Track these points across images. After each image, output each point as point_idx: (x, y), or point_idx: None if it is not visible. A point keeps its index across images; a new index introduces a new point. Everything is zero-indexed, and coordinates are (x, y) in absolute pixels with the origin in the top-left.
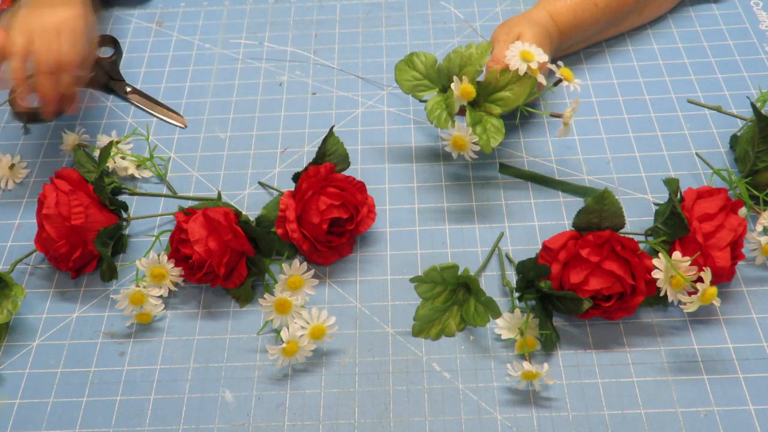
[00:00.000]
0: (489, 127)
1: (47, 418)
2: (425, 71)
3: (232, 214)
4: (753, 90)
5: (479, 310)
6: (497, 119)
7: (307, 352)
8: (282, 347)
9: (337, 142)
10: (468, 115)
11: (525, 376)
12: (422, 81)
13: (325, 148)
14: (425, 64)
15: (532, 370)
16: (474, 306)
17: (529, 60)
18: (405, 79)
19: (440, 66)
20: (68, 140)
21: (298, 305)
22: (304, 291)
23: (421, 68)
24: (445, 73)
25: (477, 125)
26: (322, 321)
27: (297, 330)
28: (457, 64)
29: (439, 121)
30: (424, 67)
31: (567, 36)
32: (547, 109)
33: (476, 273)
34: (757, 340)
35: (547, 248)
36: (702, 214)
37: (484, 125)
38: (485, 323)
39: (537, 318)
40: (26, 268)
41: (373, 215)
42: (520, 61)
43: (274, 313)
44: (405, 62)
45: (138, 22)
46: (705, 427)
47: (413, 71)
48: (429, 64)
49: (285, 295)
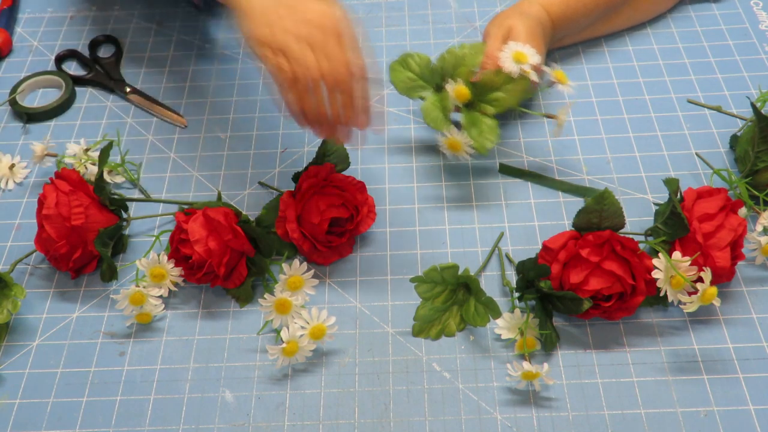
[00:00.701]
0: (484, 128)
1: (47, 418)
2: (419, 71)
3: (232, 214)
4: (753, 90)
5: (479, 310)
6: (492, 119)
7: (307, 352)
8: (282, 347)
9: None
10: (463, 117)
11: (525, 376)
12: (417, 81)
13: (326, 148)
14: (419, 65)
15: (532, 370)
16: (474, 306)
17: (522, 62)
18: (400, 80)
19: (434, 66)
20: (37, 150)
21: (298, 305)
22: (304, 291)
23: (416, 68)
24: (439, 73)
25: (472, 127)
26: (322, 321)
27: (297, 330)
28: (451, 64)
29: (436, 123)
30: (418, 68)
31: (560, 27)
32: (543, 110)
33: (476, 273)
34: (757, 340)
35: (547, 248)
36: (702, 214)
37: (479, 127)
38: (485, 323)
39: (537, 318)
40: (26, 268)
41: (373, 215)
42: (513, 64)
43: (274, 313)
44: (399, 63)
45: (138, 22)
46: (705, 427)
47: (408, 72)
48: (423, 65)
49: (285, 295)
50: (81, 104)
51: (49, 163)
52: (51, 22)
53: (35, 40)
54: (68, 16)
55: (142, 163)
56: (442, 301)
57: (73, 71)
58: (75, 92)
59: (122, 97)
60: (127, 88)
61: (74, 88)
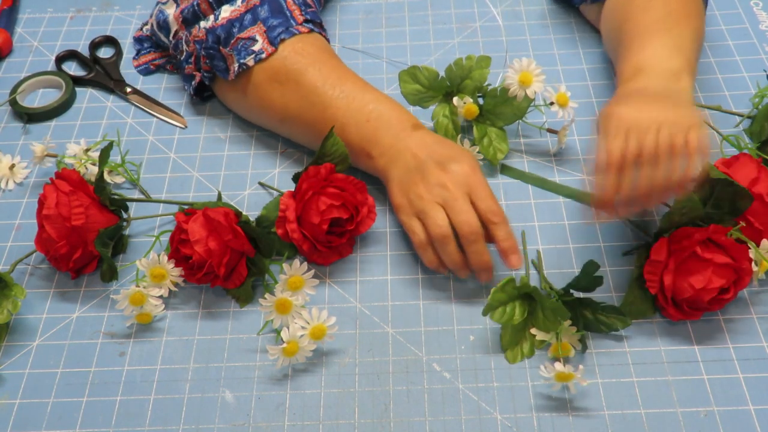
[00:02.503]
0: (494, 137)
1: (47, 418)
2: (428, 84)
3: (232, 214)
4: (753, 90)
5: (548, 315)
6: (500, 131)
7: (307, 352)
8: (282, 347)
9: (337, 142)
10: (475, 131)
11: (559, 378)
12: (426, 93)
13: (325, 148)
14: (428, 78)
15: (565, 372)
16: (542, 313)
17: (527, 85)
18: (409, 93)
19: (442, 79)
20: (37, 150)
21: (299, 305)
22: (304, 291)
23: (424, 82)
24: (446, 85)
25: (483, 138)
26: (322, 321)
27: (297, 330)
28: (458, 76)
29: (447, 134)
30: (426, 81)
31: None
32: (545, 125)
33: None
34: (757, 340)
35: (654, 262)
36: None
37: (489, 137)
38: (556, 328)
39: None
40: (26, 269)
41: (373, 215)
42: (519, 87)
43: (275, 313)
44: (408, 74)
45: (138, 23)
46: (705, 427)
47: (416, 84)
48: (432, 78)
49: (285, 295)
50: (81, 104)
51: (49, 163)
52: (51, 22)
53: (35, 40)
54: (68, 16)
55: (142, 163)
56: (519, 318)
57: (73, 71)
58: (75, 92)
59: (122, 97)
60: (127, 88)
61: (74, 89)
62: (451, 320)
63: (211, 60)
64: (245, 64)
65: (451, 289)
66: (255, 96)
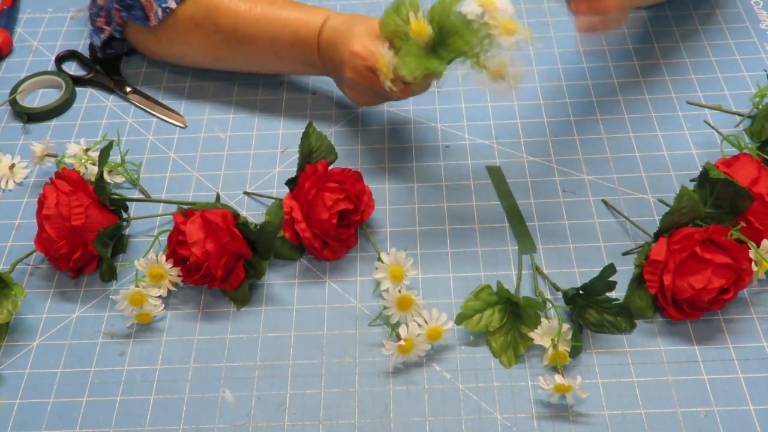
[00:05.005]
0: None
1: (47, 418)
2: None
3: (230, 215)
4: (753, 90)
5: (529, 313)
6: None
7: (420, 352)
8: (399, 344)
9: (320, 136)
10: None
11: (557, 389)
12: (403, 28)
13: (311, 145)
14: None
15: (564, 383)
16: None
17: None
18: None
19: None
20: (37, 150)
21: (420, 304)
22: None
23: (405, 17)
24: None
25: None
26: (441, 323)
27: (416, 329)
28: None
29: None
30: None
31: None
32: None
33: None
34: (757, 340)
35: (654, 262)
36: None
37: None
38: (537, 322)
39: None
40: (26, 268)
41: (372, 203)
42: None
43: (395, 309)
44: (394, 9)
45: None
46: (705, 427)
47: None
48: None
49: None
50: (81, 104)
51: (49, 163)
52: (51, 22)
53: (35, 40)
54: (68, 16)
55: (142, 163)
56: (497, 324)
57: (73, 71)
58: (75, 92)
59: (122, 96)
60: (127, 88)
61: (74, 89)
62: (450, 320)
63: (128, 11)
64: (168, 8)
65: (451, 289)
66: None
